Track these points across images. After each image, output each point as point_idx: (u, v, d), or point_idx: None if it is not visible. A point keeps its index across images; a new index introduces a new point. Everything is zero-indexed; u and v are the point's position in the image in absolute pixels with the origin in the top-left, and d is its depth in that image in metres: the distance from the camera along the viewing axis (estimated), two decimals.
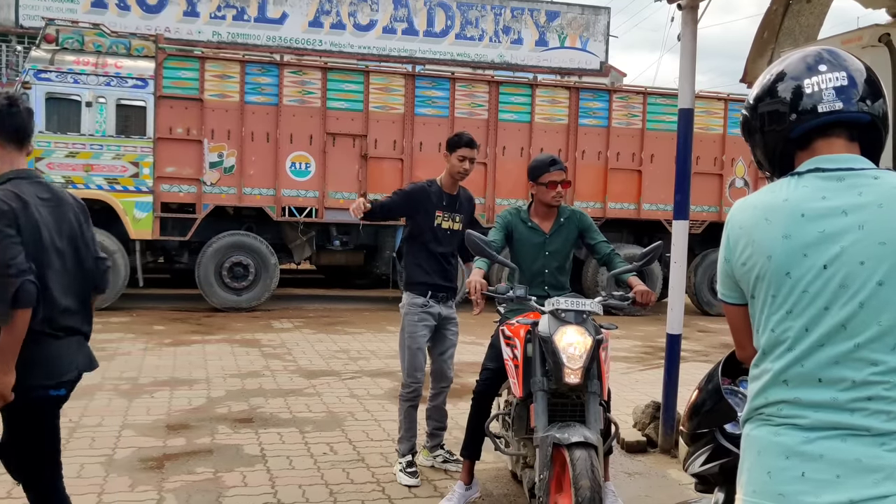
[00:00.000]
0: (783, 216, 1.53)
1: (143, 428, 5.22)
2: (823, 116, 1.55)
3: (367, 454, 4.81)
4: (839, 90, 1.55)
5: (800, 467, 1.42)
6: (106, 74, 10.59)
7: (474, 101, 11.93)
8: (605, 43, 20.24)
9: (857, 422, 1.40)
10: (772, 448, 1.47)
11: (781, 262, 1.51)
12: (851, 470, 1.38)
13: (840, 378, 1.43)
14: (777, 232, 1.52)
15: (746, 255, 1.57)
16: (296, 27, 18.44)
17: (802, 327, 1.48)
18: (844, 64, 1.58)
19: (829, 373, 1.44)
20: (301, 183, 11.37)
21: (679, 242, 4.85)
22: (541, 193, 3.95)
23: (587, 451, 3.07)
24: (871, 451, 1.37)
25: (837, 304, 1.45)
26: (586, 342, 3.29)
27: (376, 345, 8.81)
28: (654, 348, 9.11)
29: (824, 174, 1.53)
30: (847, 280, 1.45)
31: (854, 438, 1.39)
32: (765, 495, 1.46)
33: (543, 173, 3.91)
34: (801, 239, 1.50)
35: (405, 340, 4.38)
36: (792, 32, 5.13)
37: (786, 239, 1.51)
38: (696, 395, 2.24)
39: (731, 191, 12.72)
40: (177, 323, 9.93)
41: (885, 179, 1.49)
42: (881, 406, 1.39)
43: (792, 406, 1.47)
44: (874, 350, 1.41)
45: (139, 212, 10.79)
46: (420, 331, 4.36)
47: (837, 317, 1.45)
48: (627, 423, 5.31)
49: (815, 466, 1.40)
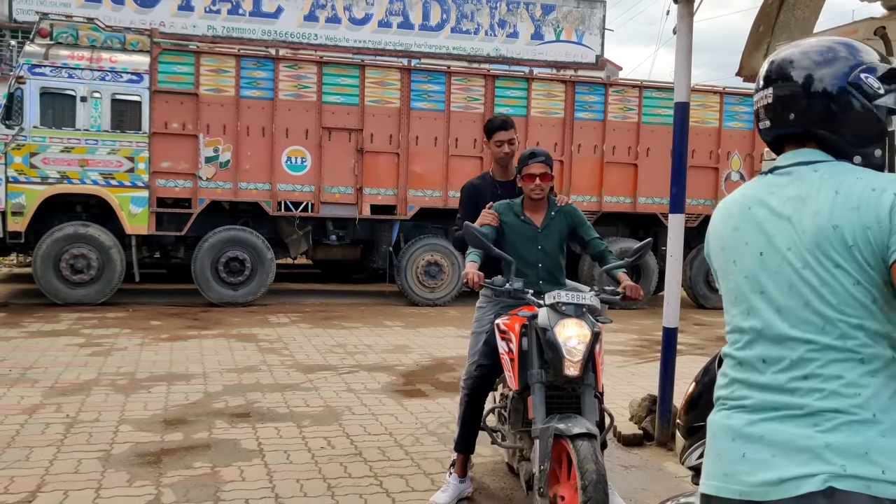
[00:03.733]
0: (736, 210, 1.64)
1: (140, 423, 5.22)
2: (762, 134, 1.68)
3: (365, 448, 4.82)
4: (766, 109, 1.64)
5: (742, 448, 1.49)
6: (101, 69, 10.56)
7: (470, 95, 11.92)
8: (601, 36, 20.20)
9: (794, 401, 1.45)
10: (722, 431, 1.55)
11: (729, 252, 1.63)
12: (784, 450, 1.43)
13: (779, 357, 1.50)
14: (730, 224, 1.64)
15: (712, 247, 1.70)
16: (291, 21, 18.38)
17: (745, 311, 1.58)
18: (783, 71, 1.60)
19: (770, 353, 1.51)
20: (297, 177, 11.36)
21: (675, 236, 4.85)
22: (522, 186, 3.96)
23: (590, 441, 3.10)
24: (803, 432, 1.42)
25: (771, 289, 1.53)
26: (586, 335, 3.33)
27: (373, 339, 8.82)
28: (651, 342, 9.13)
29: (779, 171, 1.61)
30: (778, 266, 1.53)
31: (791, 419, 1.44)
32: (714, 476, 1.54)
33: (523, 166, 3.93)
34: (745, 230, 1.60)
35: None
36: (787, 26, 5.13)
37: (735, 231, 1.62)
38: (693, 389, 2.25)
39: (727, 184, 12.74)
40: (173, 318, 9.92)
41: (821, 171, 1.54)
42: (815, 384, 1.44)
43: (742, 386, 1.55)
44: (805, 331, 1.47)
45: (135, 207, 10.77)
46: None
47: (772, 301, 1.53)
48: (624, 417, 5.32)
49: (755, 447, 1.47)
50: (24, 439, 4.76)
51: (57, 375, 6.48)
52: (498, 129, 4.36)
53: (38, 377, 6.40)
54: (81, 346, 7.77)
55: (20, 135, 10.32)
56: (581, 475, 3.01)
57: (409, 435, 5.14)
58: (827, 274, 1.46)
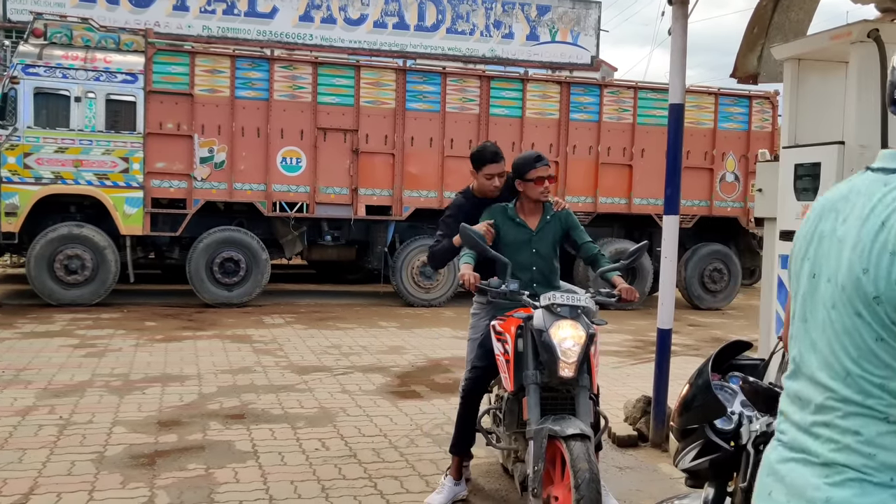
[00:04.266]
0: (814, 215, 1.39)
1: (134, 424, 5.20)
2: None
3: (359, 450, 4.81)
4: None
5: (770, 486, 1.38)
6: (95, 69, 10.53)
7: (465, 95, 11.91)
8: (596, 37, 20.22)
9: (814, 446, 1.31)
10: (764, 461, 1.44)
11: (794, 263, 1.40)
12: (795, 496, 1.31)
13: (808, 398, 1.33)
14: (802, 230, 1.40)
15: (791, 250, 1.46)
16: (286, 22, 18.35)
17: (792, 336, 1.40)
18: None
19: (803, 390, 1.35)
20: (292, 178, 11.35)
21: (670, 237, 4.86)
22: (528, 190, 3.94)
23: (583, 442, 3.11)
24: (814, 481, 1.29)
25: (811, 319, 1.34)
26: (581, 336, 3.34)
27: (368, 340, 8.81)
28: (645, 342, 9.14)
29: (876, 171, 1.32)
30: (821, 296, 1.31)
31: (809, 465, 1.31)
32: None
33: (530, 169, 3.90)
34: (810, 242, 1.37)
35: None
36: (782, 28, 5.15)
37: (802, 239, 1.40)
38: (687, 391, 2.25)
39: (722, 185, 12.76)
40: (168, 319, 9.90)
41: (891, 189, 1.26)
42: (833, 434, 1.28)
43: (783, 419, 1.41)
44: (829, 376, 1.29)
45: (129, 207, 10.74)
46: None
47: (810, 333, 1.34)
48: (618, 418, 5.32)
49: (779, 487, 1.35)
50: (17, 441, 4.74)
51: (51, 377, 6.46)
52: (490, 161, 4.06)
53: (32, 378, 6.37)
54: (75, 348, 7.75)
55: (14, 135, 10.29)
56: (574, 474, 3.02)
57: (403, 436, 5.14)
58: (849, 321, 1.25)
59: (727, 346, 2.30)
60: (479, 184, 4.16)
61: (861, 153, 4.32)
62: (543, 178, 3.90)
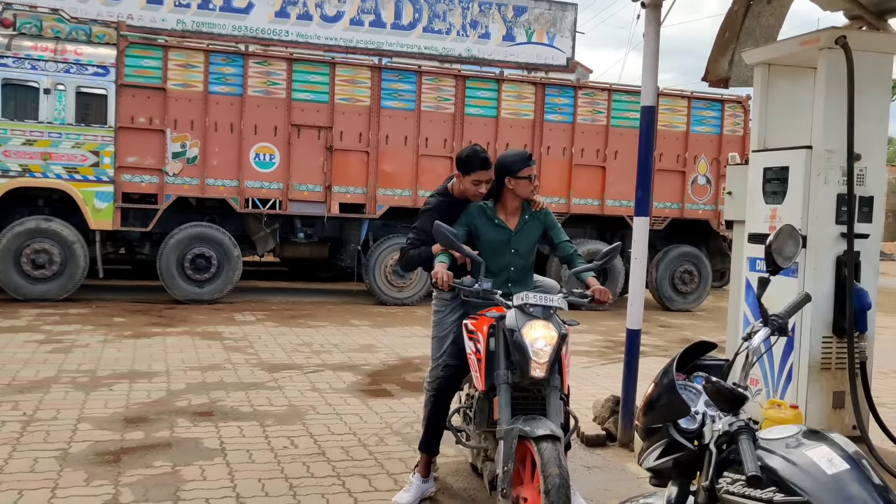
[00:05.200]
0: None
1: (100, 421, 5.14)
2: None
3: (328, 448, 4.79)
4: None
5: None
6: (65, 61, 10.39)
7: (441, 94, 11.92)
8: (572, 39, 20.28)
9: None
10: None
11: None
12: None
13: None
14: None
15: None
16: (262, 17, 18.19)
17: None
18: None
19: None
20: (265, 174, 11.27)
21: (640, 239, 4.90)
22: (519, 188, 3.92)
23: (553, 443, 3.12)
24: None
25: None
26: (553, 336, 3.35)
27: (339, 338, 8.78)
28: (616, 343, 9.20)
29: None
30: None
31: None
32: None
33: (524, 167, 3.89)
34: None
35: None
36: (752, 33, 5.22)
37: None
38: (652, 390, 2.26)
39: (694, 188, 12.89)
40: (137, 315, 9.79)
41: None
42: None
43: None
44: None
45: (99, 202, 10.61)
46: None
47: None
48: (587, 417, 5.35)
49: None
50: None
51: (14, 372, 6.36)
52: (479, 168, 3.97)
53: None
54: (41, 343, 7.64)
55: None
56: (544, 479, 3.02)
57: (373, 435, 5.13)
58: None
59: (692, 347, 2.32)
60: (464, 188, 4.05)
61: (828, 158, 4.39)
62: (532, 178, 3.92)
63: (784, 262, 2.34)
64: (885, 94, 4.55)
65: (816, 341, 4.42)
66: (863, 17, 4.87)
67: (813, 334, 4.41)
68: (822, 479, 1.81)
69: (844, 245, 4.38)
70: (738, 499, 1.93)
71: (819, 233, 4.40)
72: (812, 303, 4.40)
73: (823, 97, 4.36)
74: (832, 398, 4.48)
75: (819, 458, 1.86)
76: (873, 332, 4.58)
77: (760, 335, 2.21)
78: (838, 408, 4.48)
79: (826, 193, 4.39)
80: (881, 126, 4.53)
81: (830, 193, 4.40)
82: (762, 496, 1.86)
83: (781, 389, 4.59)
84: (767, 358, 4.71)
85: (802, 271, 4.46)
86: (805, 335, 4.43)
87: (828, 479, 1.81)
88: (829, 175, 4.39)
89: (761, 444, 1.95)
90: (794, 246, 2.37)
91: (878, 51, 4.47)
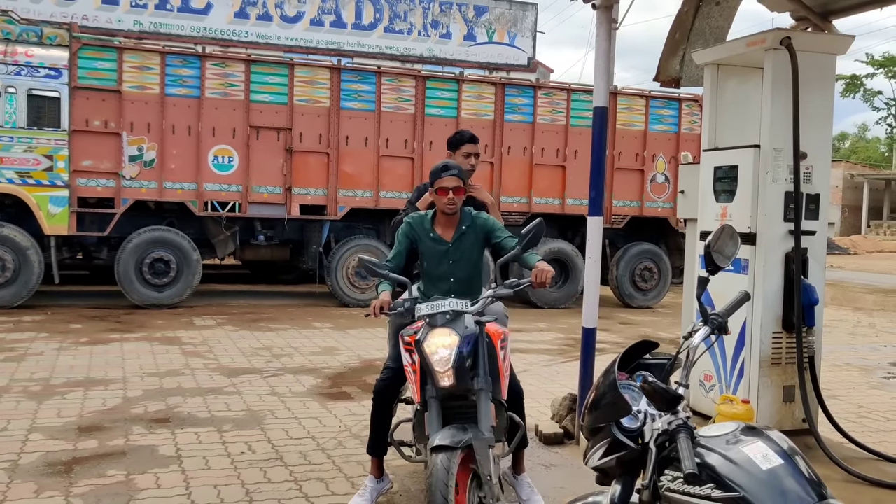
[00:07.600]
0: None
1: (52, 431, 5.05)
2: None
3: (286, 453, 4.76)
4: None
5: None
6: (16, 63, 10.19)
7: (401, 95, 11.90)
8: (533, 39, 20.40)
9: None
10: None
11: None
12: None
13: None
14: None
15: None
16: (221, 18, 18.01)
17: None
18: None
19: None
20: (224, 177, 11.17)
21: (594, 238, 4.94)
22: (435, 200, 3.82)
23: (447, 454, 3.10)
24: None
25: None
26: (453, 342, 3.25)
27: (301, 342, 8.73)
28: (576, 341, 9.19)
29: None
30: None
31: None
32: None
33: (436, 179, 3.76)
34: None
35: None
36: (702, 33, 5.29)
37: None
38: (595, 390, 2.29)
39: (652, 186, 13.03)
40: (94, 321, 9.64)
41: None
42: None
43: None
44: None
45: (54, 206, 10.42)
46: None
47: None
48: (546, 415, 5.39)
49: None
50: None
51: None
52: (469, 141, 4.41)
53: None
54: None
55: None
56: (426, 488, 3.07)
57: (331, 438, 5.11)
58: None
59: (635, 346, 2.35)
60: (458, 162, 4.13)
61: (775, 156, 4.47)
62: (447, 189, 3.72)
63: (724, 261, 2.39)
64: (829, 94, 4.65)
65: (767, 337, 4.50)
66: (808, 18, 4.97)
67: (763, 330, 4.49)
68: (757, 475, 1.85)
69: (792, 242, 4.46)
70: (678, 496, 1.97)
71: (768, 230, 4.48)
72: (762, 299, 4.49)
73: (770, 97, 4.44)
74: (783, 392, 4.57)
75: (755, 454, 1.90)
76: (821, 327, 4.68)
77: (700, 334, 2.24)
78: (788, 402, 4.57)
79: (774, 191, 4.48)
80: (826, 125, 4.63)
81: (778, 191, 4.48)
82: (701, 493, 1.90)
83: (734, 384, 4.66)
84: (721, 354, 4.78)
85: (752, 268, 4.54)
86: (756, 331, 4.51)
87: (763, 474, 1.85)
88: (777, 173, 4.47)
89: (700, 442, 1.98)
90: (734, 246, 2.41)
91: (821, 51, 4.57)
